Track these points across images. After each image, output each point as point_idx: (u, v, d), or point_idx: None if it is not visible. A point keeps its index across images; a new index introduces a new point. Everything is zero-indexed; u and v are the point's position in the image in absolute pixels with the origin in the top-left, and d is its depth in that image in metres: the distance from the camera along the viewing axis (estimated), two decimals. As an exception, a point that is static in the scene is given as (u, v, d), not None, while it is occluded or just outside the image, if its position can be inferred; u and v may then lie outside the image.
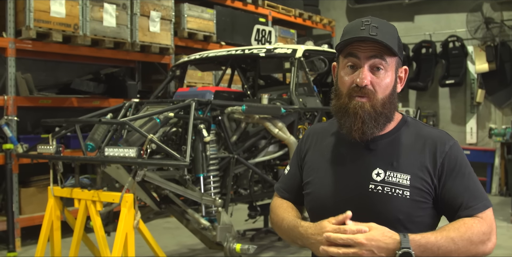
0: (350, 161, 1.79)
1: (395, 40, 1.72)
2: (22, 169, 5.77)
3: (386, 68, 1.71)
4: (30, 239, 5.96)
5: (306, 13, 10.54)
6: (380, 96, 1.71)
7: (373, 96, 1.70)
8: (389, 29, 1.73)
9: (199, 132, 4.04)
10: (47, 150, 4.05)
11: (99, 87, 6.70)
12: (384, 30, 1.70)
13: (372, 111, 1.70)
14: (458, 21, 10.06)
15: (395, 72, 1.75)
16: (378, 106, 1.71)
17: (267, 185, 5.31)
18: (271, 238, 6.19)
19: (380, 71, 1.71)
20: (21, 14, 5.70)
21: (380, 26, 1.70)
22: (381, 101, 1.71)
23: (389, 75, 1.73)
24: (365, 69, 1.70)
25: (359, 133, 1.71)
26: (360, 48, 1.70)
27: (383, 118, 1.73)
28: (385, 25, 1.73)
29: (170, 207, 4.45)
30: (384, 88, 1.72)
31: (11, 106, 5.69)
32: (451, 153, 1.73)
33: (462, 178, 1.71)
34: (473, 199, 1.69)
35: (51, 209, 4.09)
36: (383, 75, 1.71)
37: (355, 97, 1.71)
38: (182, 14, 7.64)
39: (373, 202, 1.70)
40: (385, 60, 1.70)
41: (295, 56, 5.13)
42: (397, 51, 1.71)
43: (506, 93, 9.54)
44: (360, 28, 1.69)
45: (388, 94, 1.73)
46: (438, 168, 1.71)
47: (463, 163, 1.74)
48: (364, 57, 1.70)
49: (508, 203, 7.54)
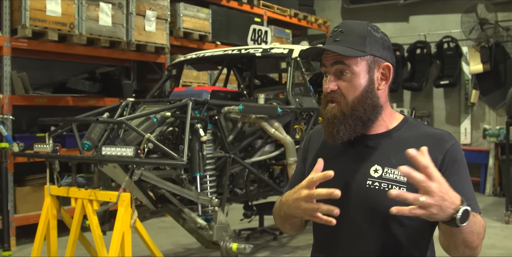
0: (349, 158, 1.82)
1: (362, 40, 1.74)
2: (17, 168, 5.76)
3: (352, 71, 1.75)
4: (25, 238, 5.94)
5: (301, 13, 10.56)
6: (350, 98, 1.75)
7: (342, 100, 1.76)
8: (358, 30, 1.76)
9: (196, 132, 4.04)
10: (44, 148, 4.04)
11: (94, 86, 6.70)
12: (350, 34, 1.75)
13: (339, 115, 1.75)
14: (453, 22, 10.10)
15: (367, 72, 1.76)
16: (346, 110, 1.75)
17: (262, 185, 5.32)
18: (266, 238, 6.20)
19: (345, 75, 1.75)
20: (17, 12, 5.69)
21: (347, 30, 1.76)
22: (350, 103, 1.75)
23: (358, 77, 1.75)
24: (330, 76, 1.77)
25: (330, 137, 1.78)
26: (326, 56, 1.78)
27: (355, 120, 1.75)
28: (354, 27, 1.77)
29: (166, 206, 4.45)
30: (352, 90, 1.75)
31: (7, 105, 5.68)
32: (452, 151, 1.74)
33: (460, 178, 1.72)
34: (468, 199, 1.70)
35: (47, 208, 4.09)
36: (349, 78, 1.75)
37: (328, 103, 1.79)
38: (178, 14, 7.64)
39: (370, 197, 1.71)
40: (347, 64, 1.74)
41: (291, 56, 5.14)
42: (367, 50, 1.74)
43: (500, 94, 9.58)
44: (331, 36, 1.79)
45: (359, 95, 1.75)
46: (439, 165, 1.71)
47: (462, 163, 1.76)
48: (329, 65, 1.77)
49: (502, 204, 7.58)
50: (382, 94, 1.80)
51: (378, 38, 1.78)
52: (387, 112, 1.83)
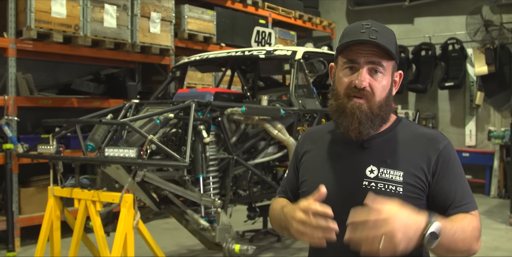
0: (345, 159, 1.83)
1: (392, 44, 1.76)
2: (22, 169, 5.78)
3: (383, 71, 1.76)
4: (29, 239, 5.97)
5: (306, 15, 10.57)
6: (378, 98, 1.76)
7: (371, 98, 1.75)
8: (388, 33, 1.78)
9: (199, 133, 4.05)
10: (48, 150, 4.06)
11: (99, 88, 6.72)
12: (383, 34, 1.74)
13: (369, 112, 1.75)
14: (458, 24, 10.09)
15: (391, 76, 1.80)
16: (375, 108, 1.76)
17: (266, 186, 5.32)
18: (270, 239, 6.20)
19: (378, 74, 1.75)
20: (22, 14, 5.72)
21: (379, 30, 1.74)
22: (378, 103, 1.76)
23: (386, 78, 1.77)
24: (364, 72, 1.74)
25: (355, 132, 1.76)
26: (360, 51, 1.74)
27: (379, 120, 1.78)
28: (384, 29, 1.77)
29: (169, 208, 4.46)
30: (381, 90, 1.76)
31: (12, 106, 5.71)
32: (445, 151, 1.77)
33: (454, 177, 1.75)
34: (464, 197, 1.74)
35: (51, 208, 4.11)
36: (381, 78, 1.76)
37: (353, 98, 1.76)
38: (183, 16, 7.66)
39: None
40: (383, 64, 1.75)
41: (295, 58, 5.14)
42: (395, 56, 1.76)
43: (505, 95, 9.56)
44: (360, 31, 1.73)
45: (385, 96, 1.78)
46: (432, 166, 1.74)
47: (456, 162, 1.78)
48: (364, 60, 1.74)
49: (506, 206, 7.55)
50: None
51: (397, 46, 1.82)
52: None
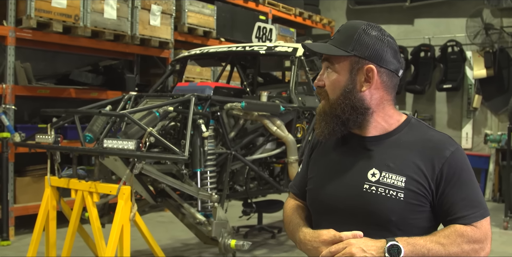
0: (349, 160, 1.80)
1: (349, 40, 1.73)
2: (18, 158, 5.76)
3: (334, 69, 1.76)
4: (23, 228, 5.95)
5: (306, 13, 10.55)
6: (331, 96, 1.77)
7: (327, 97, 1.78)
8: (350, 30, 1.76)
9: (198, 127, 4.04)
10: (46, 139, 4.03)
11: (97, 79, 6.69)
12: (344, 33, 1.77)
13: (322, 112, 1.78)
14: (458, 26, 10.08)
15: (349, 72, 1.74)
16: (328, 107, 1.77)
17: (262, 182, 5.31)
18: (264, 236, 6.20)
19: (329, 72, 1.78)
20: (22, 3, 5.68)
21: (342, 29, 1.79)
22: (331, 101, 1.76)
23: (338, 75, 1.75)
24: (322, 71, 1.81)
25: (316, 133, 1.81)
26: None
27: (333, 119, 1.76)
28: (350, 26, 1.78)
29: (166, 201, 4.45)
30: (333, 88, 1.76)
31: (9, 95, 5.68)
32: (451, 159, 1.71)
33: (460, 186, 1.69)
34: (469, 208, 1.68)
35: (47, 198, 4.08)
36: (331, 76, 1.77)
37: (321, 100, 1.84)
38: (183, 9, 7.64)
39: (367, 202, 1.70)
40: (332, 62, 1.77)
41: (295, 55, 5.13)
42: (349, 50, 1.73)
43: (503, 99, 9.56)
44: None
45: (338, 94, 1.75)
46: (436, 174, 1.69)
47: (463, 169, 1.73)
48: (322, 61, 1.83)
49: (501, 209, 7.57)
50: (370, 96, 1.74)
51: (369, 39, 1.73)
52: (382, 114, 1.78)
